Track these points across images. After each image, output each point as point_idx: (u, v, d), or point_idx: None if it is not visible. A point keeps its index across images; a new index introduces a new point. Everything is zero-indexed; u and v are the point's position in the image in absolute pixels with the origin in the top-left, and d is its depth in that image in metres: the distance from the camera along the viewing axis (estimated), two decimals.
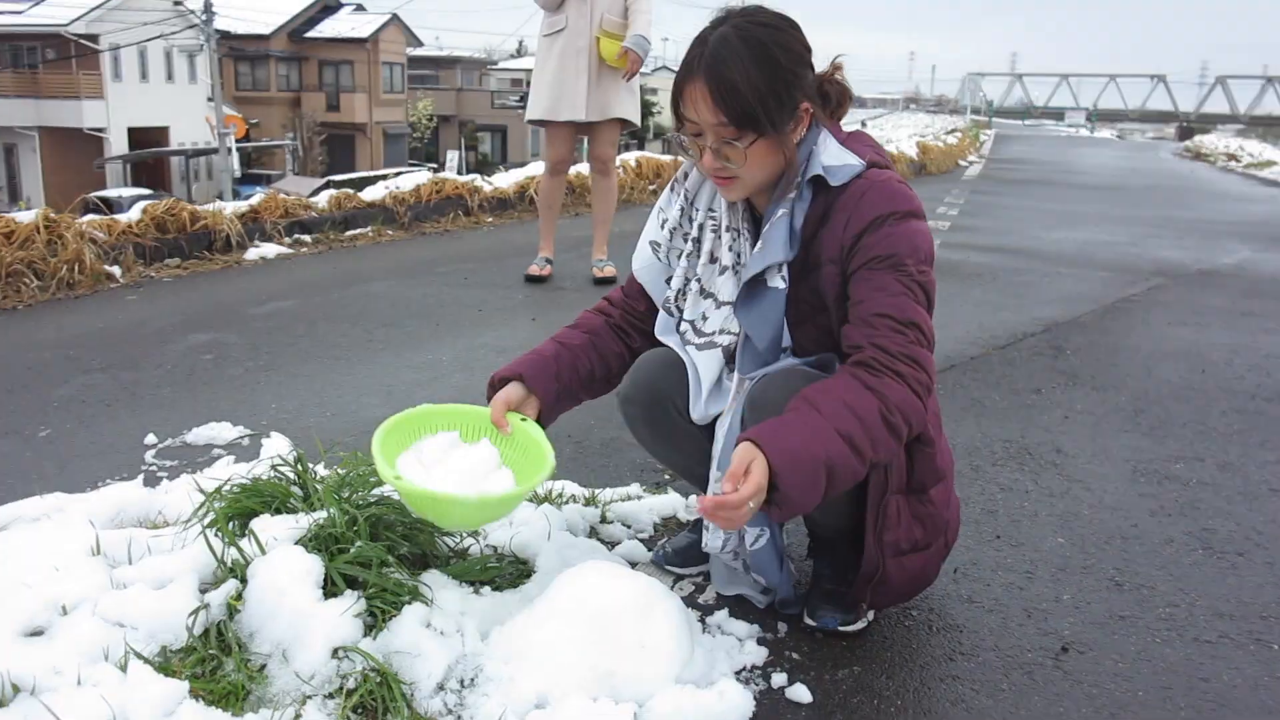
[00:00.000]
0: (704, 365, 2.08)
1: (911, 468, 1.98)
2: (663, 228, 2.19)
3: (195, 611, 1.81)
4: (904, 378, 1.80)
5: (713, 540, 2.08)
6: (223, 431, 3.30)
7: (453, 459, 2.03)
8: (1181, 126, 59.99)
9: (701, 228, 2.12)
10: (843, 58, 2.08)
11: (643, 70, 5.33)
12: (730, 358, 2.07)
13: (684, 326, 2.13)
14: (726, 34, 1.89)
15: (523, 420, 2.10)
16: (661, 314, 2.18)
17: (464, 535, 2.21)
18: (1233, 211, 11.63)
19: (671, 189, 2.20)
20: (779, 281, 1.98)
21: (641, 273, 2.23)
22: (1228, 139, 30.75)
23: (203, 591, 1.87)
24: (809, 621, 2.10)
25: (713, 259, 2.10)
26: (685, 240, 2.15)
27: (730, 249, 2.06)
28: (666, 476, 2.91)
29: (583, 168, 8.16)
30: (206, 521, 2.03)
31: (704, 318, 2.09)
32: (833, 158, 1.95)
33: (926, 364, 1.84)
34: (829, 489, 1.74)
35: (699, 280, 2.11)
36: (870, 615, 2.15)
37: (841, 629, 2.09)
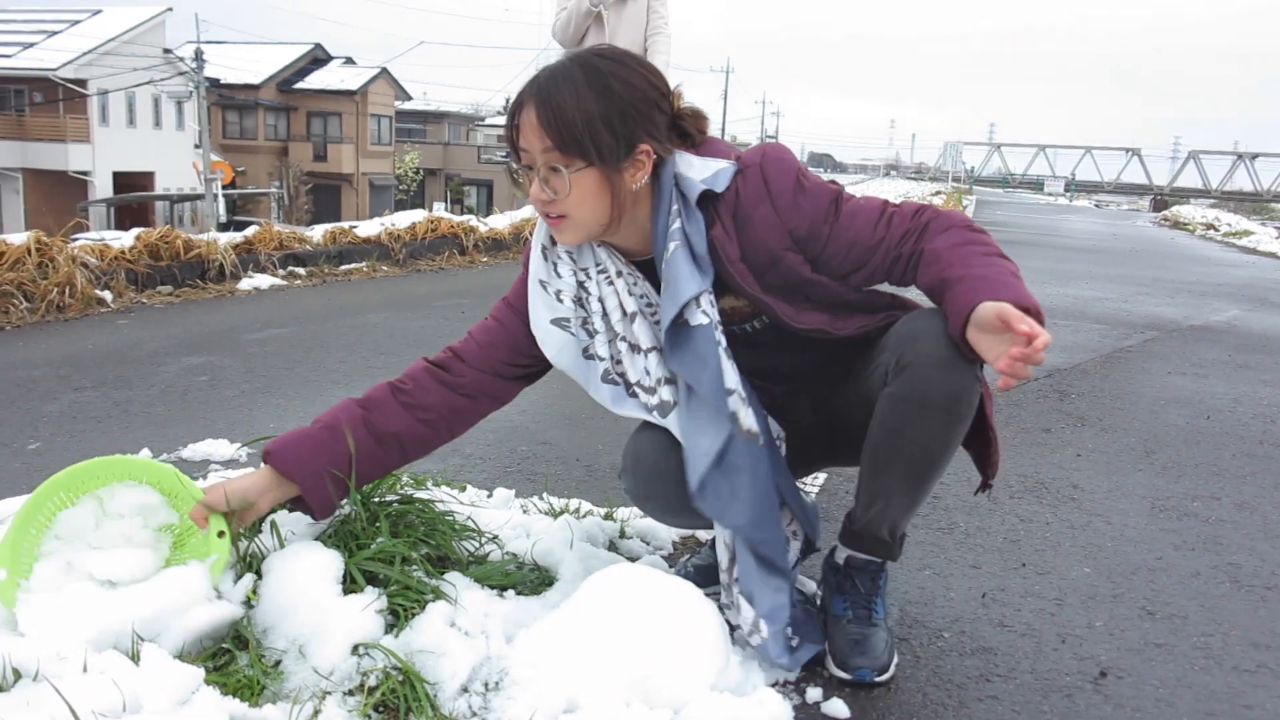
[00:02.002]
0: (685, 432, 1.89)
1: None
2: (560, 300, 1.96)
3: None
4: (938, 227, 1.81)
5: (734, 618, 1.92)
6: (220, 448, 3.22)
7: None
8: (1156, 199, 60.92)
9: (599, 284, 1.95)
10: (679, 86, 1.94)
11: None
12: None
13: (634, 390, 1.94)
14: (564, 63, 1.81)
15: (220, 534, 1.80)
16: (605, 388, 1.95)
17: (482, 541, 2.14)
18: (1218, 274, 11.73)
19: (545, 258, 1.99)
20: (701, 317, 1.83)
21: (559, 358, 1.95)
22: (1204, 210, 31.18)
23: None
24: (841, 674, 1.92)
25: (624, 312, 1.93)
26: (591, 304, 1.96)
27: (630, 293, 1.92)
28: None
29: None
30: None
31: (647, 373, 1.92)
32: (703, 170, 1.85)
33: (928, 206, 1.81)
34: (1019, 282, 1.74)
35: (623, 339, 1.93)
36: (896, 657, 2.02)
37: (877, 680, 1.92)
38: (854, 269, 1.88)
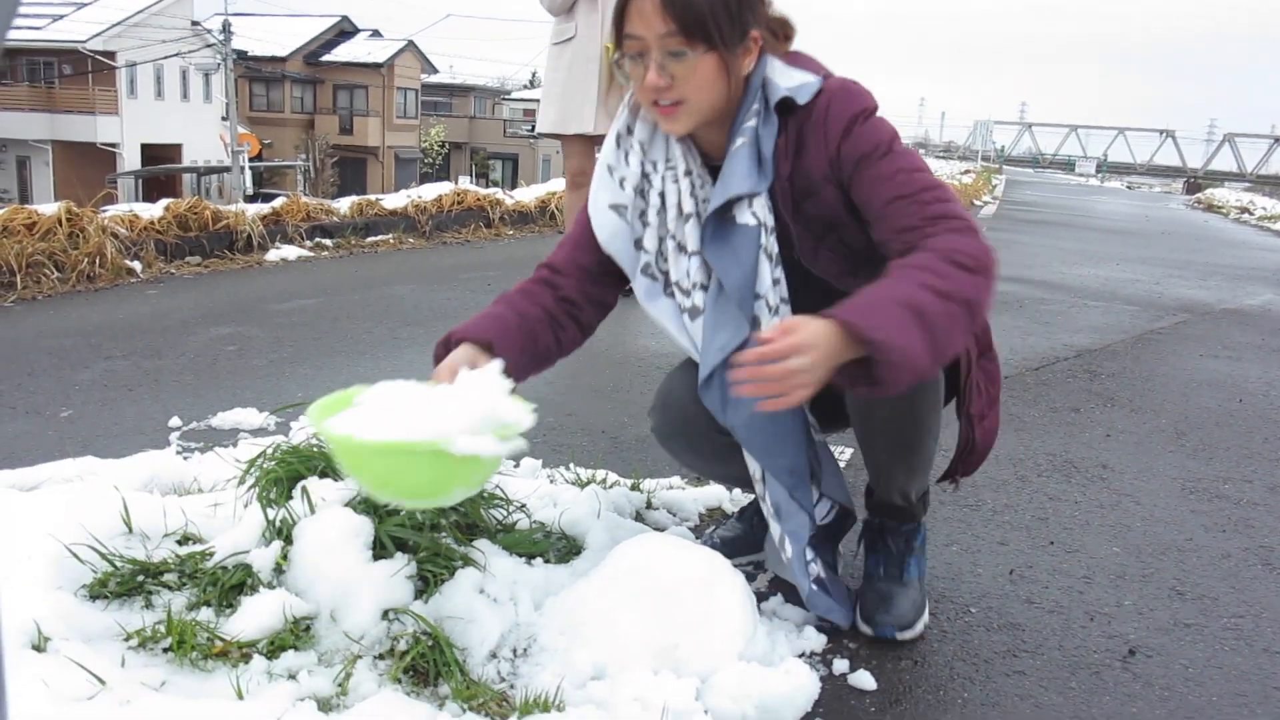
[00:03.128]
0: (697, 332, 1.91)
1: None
2: (623, 187, 1.97)
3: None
4: (941, 231, 1.68)
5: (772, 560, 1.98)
6: (249, 416, 3.23)
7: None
8: (1189, 181, 60.18)
9: (664, 179, 1.95)
10: None
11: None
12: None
13: (671, 290, 1.95)
14: None
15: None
16: (642, 280, 1.98)
17: (510, 510, 2.14)
18: (1252, 258, 11.59)
19: (618, 145, 1.99)
20: (749, 218, 1.83)
21: (611, 243, 1.97)
22: (1238, 193, 30.79)
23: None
24: (865, 629, 1.97)
25: (680, 211, 1.92)
26: (654, 195, 1.96)
27: (692, 195, 1.91)
28: None
29: None
30: (250, 483, 1.96)
31: (687, 275, 1.92)
32: (790, 79, 1.84)
33: (955, 211, 1.72)
34: (931, 336, 1.54)
35: (673, 237, 1.94)
36: (926, 618, 2.04)
37: (899, 637, 1.97)
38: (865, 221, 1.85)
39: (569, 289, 2.00)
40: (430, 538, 1.82)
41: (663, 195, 1.94)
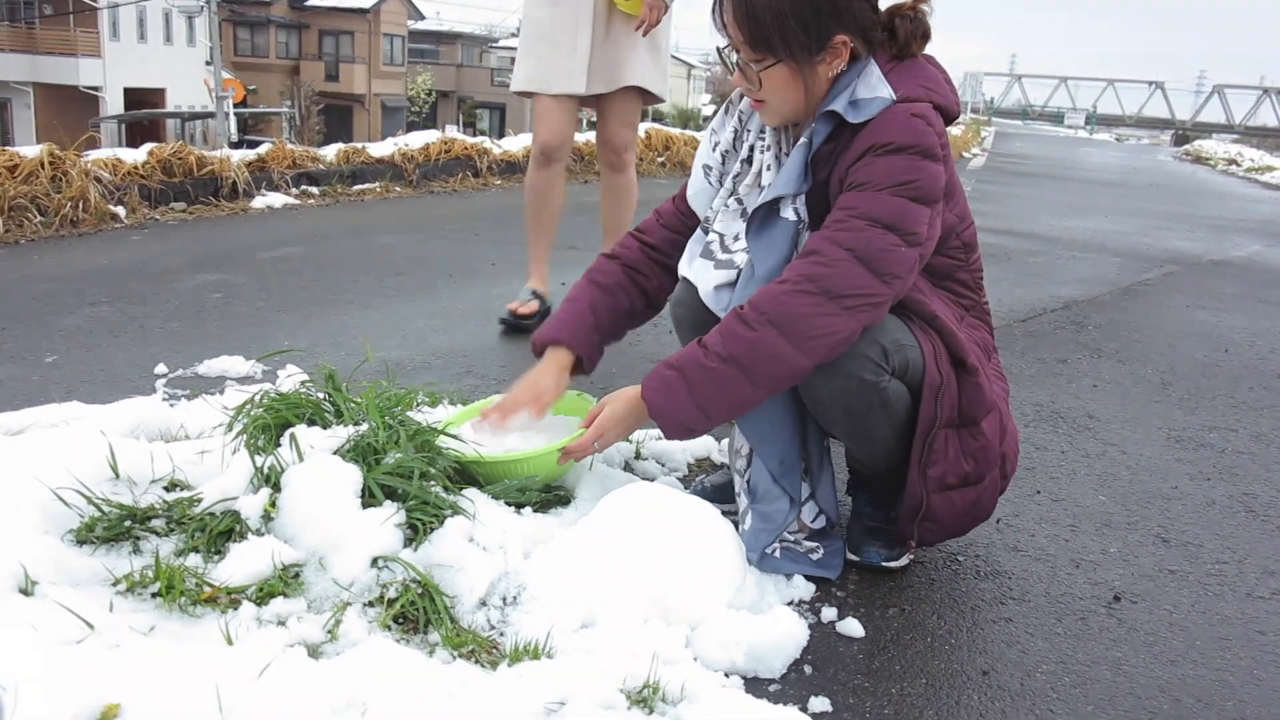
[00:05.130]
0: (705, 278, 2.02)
1: (960, 399, 1.91)
2: (714, 150, 2.13)
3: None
4: (787, 273, 1.81)
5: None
6: (235, 364, 3.21)
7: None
8: (1177, 134, 60.01)
9: (752, 149, 2.06)
10: None
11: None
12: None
13: (712, 237, 2.05)
14: None
15: (577, 395, 2.28)
16: (690, 243, 2.10)
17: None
18: (1238, 210, 11.59)
19: (725, 110, 2.14)
20: (790, 213, 1.92)
21: (694, 199, 2.17)
22: (1226, 145, 30.73)
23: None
24: (850, 556, 2.04)
25: (758, 181, 2.03)
26: (736, 163, 2.09)
27: (769, 168, 2.00)
28: None
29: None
30: (237, 430, 1.95)
31: (736, 238, 2.01)
32: (867, 90, 1.86)
33: (825, 263, 1.78)
34: (692, 394, 1.80)
35: (740, 200, 2.04)
36: (912, 553, 2.08)
37: (885, 564, 2.02)
38: None
39: (659, 241, 2.23)
40: (420, 486, 1.82)
41: (747, 162, 2.05)
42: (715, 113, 2.22)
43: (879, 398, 1.85)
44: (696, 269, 2.02)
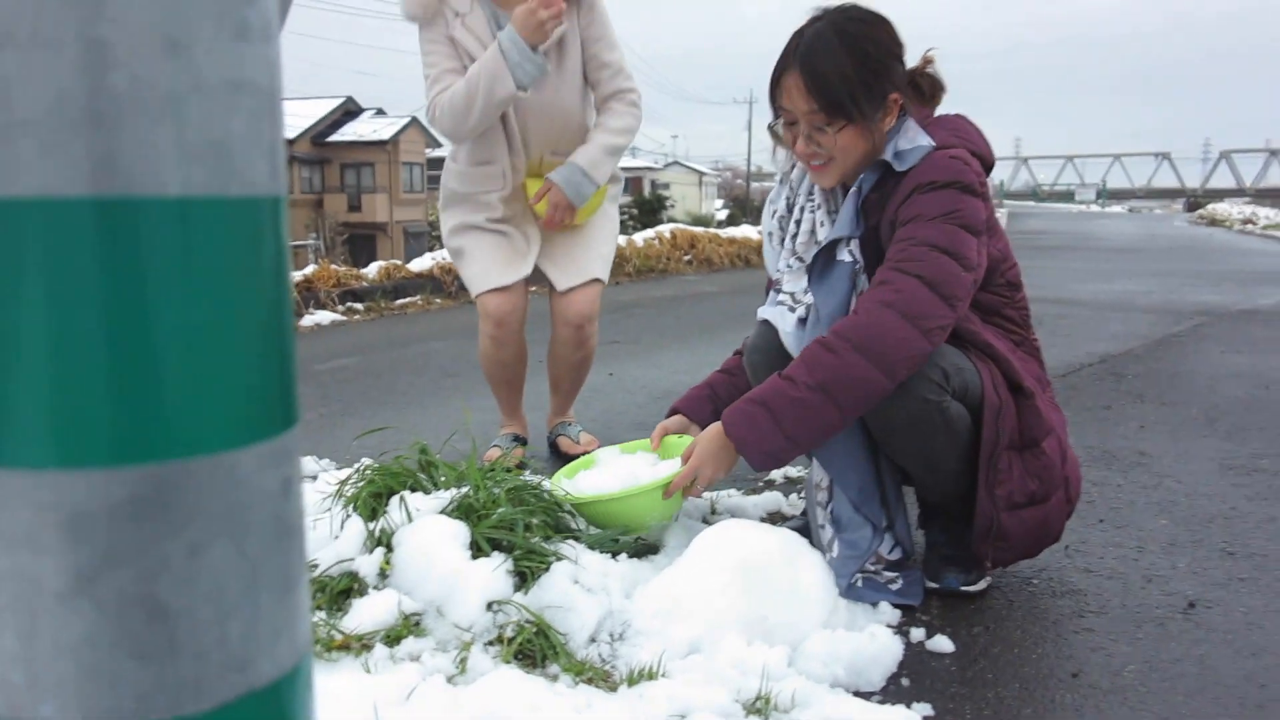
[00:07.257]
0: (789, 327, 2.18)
1: (1019, 421, 2.04)
2: (773, 217, 2.32)
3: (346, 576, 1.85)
4: (864, 297, 1.98)
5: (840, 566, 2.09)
6: (308, 464, 3.34)
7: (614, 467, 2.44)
8: (1189, 201, 60.43)
9: (803, 210, 2.23)
10: (934, 50, 2.21)
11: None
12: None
13: (783, 297, 2.21)
14: (821, 28, 2.03)
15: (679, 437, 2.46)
16: (767, 303, 2.27)
17: None
18: (1261, 264, 11.71)
19: (781, 182, 2.34)
20: (846, 255, 2.08)
21: (768, 265, 2.35)
22: (1240, 206, 30.93)
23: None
24: (930, 584, 2.14)
25: (813, 236, 2.20)
26: (791, 223, 2.26)
27: (823, 223, 2.19)
28: (762, 482, 2.95)
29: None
30: (346, 498, 2.08)
31: (805, 290, 2.17)
32: (908, 141, 2.05)
33: (898, 285, 1.94)
34: (778, 423, 1.94)
35: (800, 258, 2.20)
36: (988, 577, 2.17)
37: (964, 588, 2.12)
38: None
39: None
40: (523, 538, 1.94)
41: (798, 222, 2.23)
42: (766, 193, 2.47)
43: (942, 417, 1.97)
44: (774, 314, 2.19)
